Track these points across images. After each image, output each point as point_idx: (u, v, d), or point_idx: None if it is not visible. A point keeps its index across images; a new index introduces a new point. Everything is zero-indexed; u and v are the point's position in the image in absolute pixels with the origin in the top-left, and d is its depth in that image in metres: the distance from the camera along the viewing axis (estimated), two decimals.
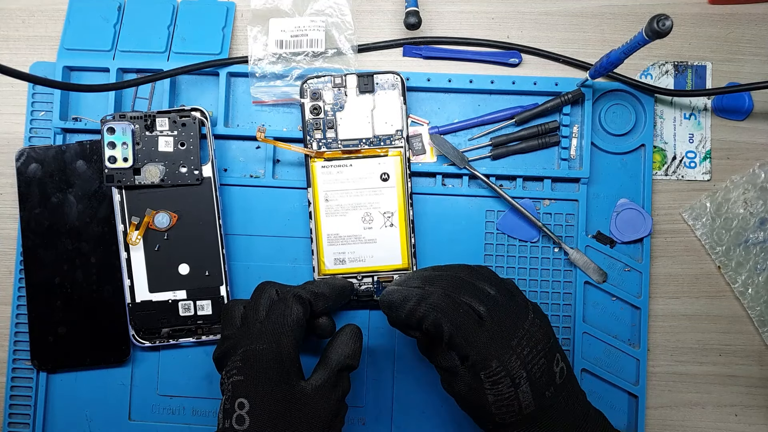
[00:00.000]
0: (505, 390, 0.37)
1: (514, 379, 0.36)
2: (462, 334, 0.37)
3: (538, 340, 0.38)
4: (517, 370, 0.36)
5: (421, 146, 0.51)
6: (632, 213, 0.51)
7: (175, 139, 0.49)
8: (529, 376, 0.37)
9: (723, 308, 0.52)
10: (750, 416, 0.51)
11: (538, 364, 0.37)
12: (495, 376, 0.37)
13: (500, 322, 0.38)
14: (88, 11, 0.53)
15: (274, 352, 0.39)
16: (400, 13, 0.53)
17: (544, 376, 0.37)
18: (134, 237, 0.49)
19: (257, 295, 0.43)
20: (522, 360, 0.37)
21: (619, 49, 0.43)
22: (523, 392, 0.36)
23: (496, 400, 0.37)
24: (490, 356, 0.37)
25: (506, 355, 0.37)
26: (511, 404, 0.37)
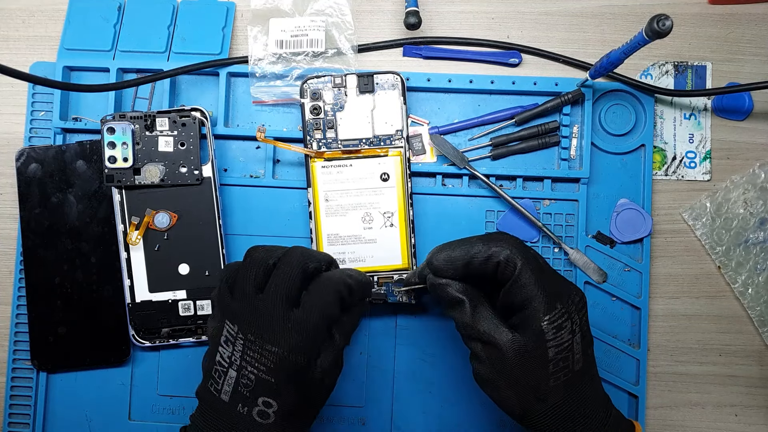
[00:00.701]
0: (566, 336, 0.36)
1: (573, 324, 0.37)
2: (534, 273, 0.37)
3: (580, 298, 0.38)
4: (574, 313, 0.37)
5: (421, 146, 0.51)
6: (632, 213, 0.51)
7: (175, 139, 0.49)
8: (581, 327, 0.37)
9: (723, 308, 0.52)
10: (750, 416, 0.51)
11: (583, 318, 0.38)
12: (559, 319, 0.36)
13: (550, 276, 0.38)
14: (88, 11, 0.53)
15: (309, 365, 0.37)
16: (400, 13, 0.53)
17: (587, 334, 0.38)
18: (134, 237, 0.49)
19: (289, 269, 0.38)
20: (576, 306, 0.37)
21: (619, 49, 0.43)
22: (576, 342, 0.37)
23: (557, 351, 0.36)
24: (555, 297, 0.37)
25: (566, 298, 0.37)
26: (567, 357, 0.36)
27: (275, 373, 0.36)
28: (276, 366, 0.36)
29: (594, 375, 0.39)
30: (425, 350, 0.51)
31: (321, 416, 0.50)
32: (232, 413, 0.36)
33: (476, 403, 0.50)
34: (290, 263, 0.38)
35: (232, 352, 0.37)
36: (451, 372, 0.50)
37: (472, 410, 0.50)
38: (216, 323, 0.39)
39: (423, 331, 0.51)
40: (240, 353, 0.36)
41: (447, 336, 0.50)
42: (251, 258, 0.39)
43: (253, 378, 0.36)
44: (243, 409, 0.36)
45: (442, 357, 0.50)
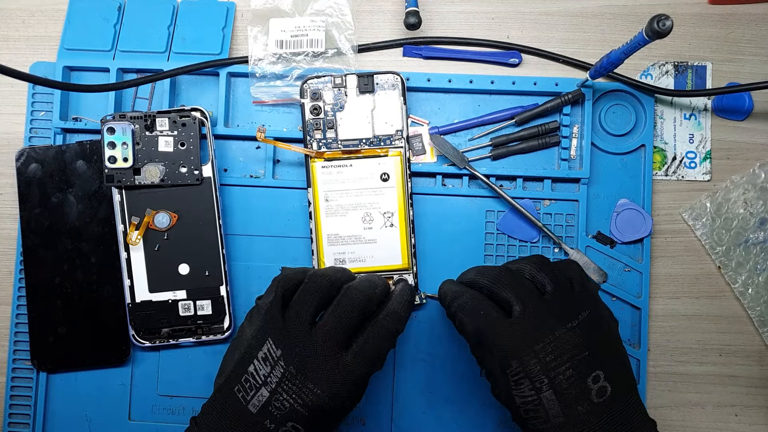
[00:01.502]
0: (527, 392, 0.36)
1: (534, 383, 0.35)
2: (483, 336, 0.37)
3: (569, 349, 0.36)
4: (536, 374, 0.35)
5: (421, 146, 0.51)
6: (632, 213, 0.51)
7: (175, 139, 0.49)
8: (553, 384, 0.35)
9: (723, 308, 0.52)
10: (750, 416, 0.51)
11: (564, 374, 0.35)
12: (515, 376, 0.36)
13: (529, 323, 0.37)
14: (88, 11, 0.53)
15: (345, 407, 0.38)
16: (400, 13, 0.53)
17: (572, 388, 0.35)
18: (134, 237, 0.49)
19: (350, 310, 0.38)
20: (543, 365, 0.35)
21: (620, 50, 0.43)
22: (547, 399, 0.35)
23: (522, 402, 0.36)
24: (510, 355, 0.36)
25: (527, 356, 0.36)
26: (537, 410, 0.36)
27: (311, 410, 0.36)
28: (313, 404, 0.36)
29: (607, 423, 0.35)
30: (425, 350, 0.51)
31: None
32: (259, 426, 0.36)
33: (476, 403, 0.50)
34: (352, 303, 0.38)
35: (269, 374, 0.37)
36: (451, 372, 0.50)
37: (472, 410, 0.50)
38: (255, 332, 0.38)
39: (423, 331, 0.51)
40: (278, 379, 0.37)
41: (447, 336, 0.50)
42: (314, 284, 0.39)
43: (288, 406, 0.36)
44: (270, 425, 0.36)
45: (442, 357, 0.50)
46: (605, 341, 0.37)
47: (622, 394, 0.36)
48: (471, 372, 0.50)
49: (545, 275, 0.39)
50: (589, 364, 0.36)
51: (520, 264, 0.40)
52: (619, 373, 0.37)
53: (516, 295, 0.38)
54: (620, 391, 0.36)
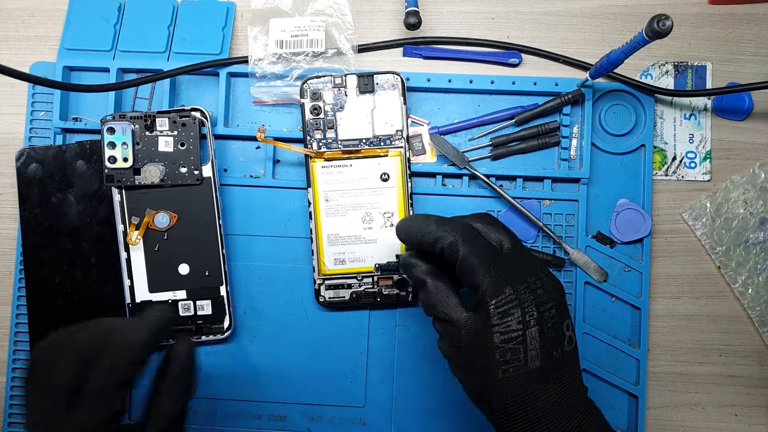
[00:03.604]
0: (513, 325, 0.34)
1: (524, 314, 0.34)
2: (479, 257, 0.36)
3: (553, 289, 0.36)
4: (529, 304, 0.34)
5: (421, 146, 0.51)
6: (632, 213, 0.51)
7: (175, 139, 0.49)
8: (540, 319, 0.34)
9: (723, 308, 0.52)
10: (750, 416, 0.51)
11: (549, 312, 0.35)
12: (506, 305, 0.34)
13: (521, 258, 0.37)
14: (88, 11, 0.53)
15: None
16: (400, 13, 0.53)
17: (553, 329, 0.35)
18: (134, 237, 0.49)
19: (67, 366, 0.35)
20: (535, 297, 0.35)
21: (619, 50, 0.43)
22: (531, 336, 0.34)
23: (503, 339, 0.34)
24: (504, 282, 0.35)
25: (521, 285, 0.35)
26: (517, 348, 0.34)
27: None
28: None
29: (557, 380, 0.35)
30: (425, 350, 0.51)
31: (321, 416, 0.50)
32: None
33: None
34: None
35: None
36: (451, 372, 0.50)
37: (472, 410, 0.50)
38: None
39: (423, 331, 0.51)
40: None
41: None
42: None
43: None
44: None
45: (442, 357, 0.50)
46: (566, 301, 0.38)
47: (577, 350, 0.37)
48: None
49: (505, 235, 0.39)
50: (565, 311, 0.36)
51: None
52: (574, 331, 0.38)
53: (507, 235, 0.38)
54: (576, 346, 0.37)
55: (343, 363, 0.51)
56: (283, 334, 0.51)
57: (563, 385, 0.35)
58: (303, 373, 0.51)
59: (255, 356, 0.51)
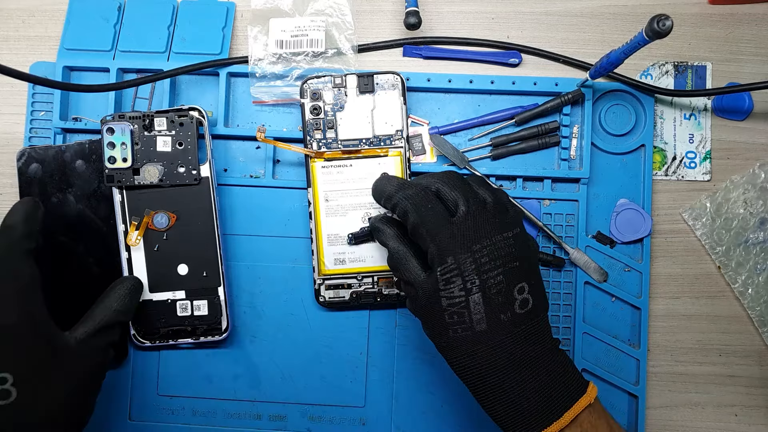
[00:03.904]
0: (456, 292, 0.36)
1: (465, 282, 0.36)
2: (426, 226, 0.37)
3: (503, 256, 0.37)
4: (470, 273, 0.36)
5: (421, 146, 0.51)
6: (632, 213, 0.51)
7: (173, 139, 0.49)
8: (483, 287, 0.36)
9: (723, 308, 0.52)
10: (750, 416, 0.51)
11: (494, 279, 0.36)
12: (448, 273, 0.36)
13: (470, 225, 0.37)
14: (88, 11, 0.53)
15: (23, 322, 0.38)
16: (400, 13, 0.53)
17: (500, 295, 0.37)
18: (134, 238, 0.48)
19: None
20: (477, 265, 0.36)
21: (619, 50, 0.43)
22: (474, 302, 0.36)
23: (449, 304, 0.37)
24: (447, 251, 0.37)
25: (463, 255, 0.36)
26: (462, 312, 0.36)
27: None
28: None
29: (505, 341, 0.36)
30: (425, 350, 0.51)
31: (321, 416, 0.50)
32: None
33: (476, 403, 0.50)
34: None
35: None
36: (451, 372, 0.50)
37: (472, 410, 0.50)
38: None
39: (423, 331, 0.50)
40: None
41: None
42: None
43: None
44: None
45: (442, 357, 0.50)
46: (531, 259, 0.39)
47: (540, 310, 0.38)
48: None
49: (485, 189, 0.40)
50: (517, 275, 0.37)
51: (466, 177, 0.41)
52: (539, 291, 0.39)
53: (464, 197, 0.39)
54: (539, 306, 0.38)
55: (343, 363, 0.51)
56: (283, 334, 0.51)
57: (513, 345, 0.37)
58: (303, 373, 0.51)
59: (255, 356, 0.51)
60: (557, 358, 0.38)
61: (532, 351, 0.37)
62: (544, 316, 0.39)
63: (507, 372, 0.37)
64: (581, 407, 0.36)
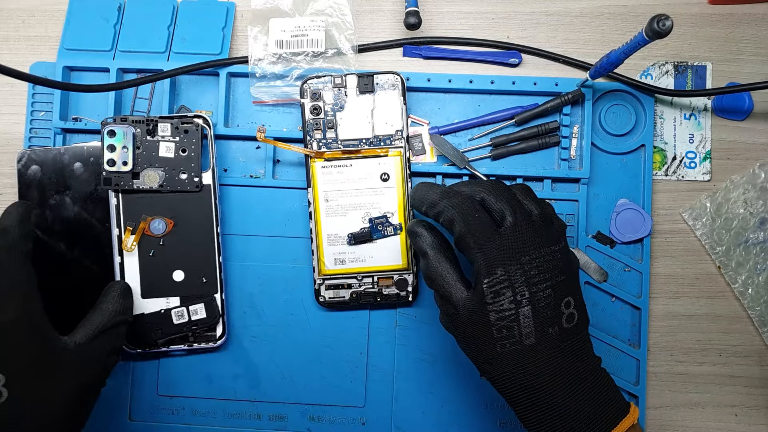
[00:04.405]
0: (506, 305, 0.35)
1: (515, 294, 0.35)
2: (474, 236, 0.36)
3: (551, 269, 0.37)
4: (520, 284, 0.35)
5: (421, 146, 0.51)
6: (632, 213, 0.51)
7: (177, 145, 0.48)
8: (532, 299, 0.35)
9: (723, 308, 0.52)
10: (750, 416, 0.51)
11: (543, 291, 0.36)
12: (497, 285, 0.36)
13: (518, 236, 0.36)
14: (88, 11, 0.52)
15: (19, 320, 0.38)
16: (400, 13, 0.53)
17: (548, 308, 0.36)
18: (129, 243, 0.48)
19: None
20: (527, 278, 0.36)
21: (620, 50, 0.43)
22: (524, 315, 0.35)
23: (498, 318, 0.36)
24: (496, 262, 0.36)
25: (513, 266, 0.36)
26: (512, 326, 0.36)
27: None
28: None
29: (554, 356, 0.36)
30: (425, 350, 0.51)
31: (321, 416, 0.50)
32: None
33: (476, 403, 0.50)
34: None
35: None
36: (451, 372, 0.50)
37: (472, 410, 0.50)
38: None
39: (423, 331, 0.51)
40: None
41: (447, 336, 0.50)
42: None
43: None
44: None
45: (442, 357, 0.50)
46: (575, 274, 0.39)
47: (584, 326, 0.38)
48: (471, 372, 0.50)
49: (531, 201, 0.39)
50: (564, 289, 0.37)
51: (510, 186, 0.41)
52: (583, 306, 0.38)
53: (511, 207, 0.38)
54: (583, 321, 0.38)
55: (343, 363, 0.51)
56: (283, 334, 0.51)
57: (561, 360, 0.36)
58: (303, 373, 0.51)
59: (255, 356, 0.51)
60: (601, 375, 0.37)
61: (578, 367, 0.36)
62: (587, 333, 0.38)
63: (554, 388, 0.36)
64: (626, 427, 0.36)
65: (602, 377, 0.38)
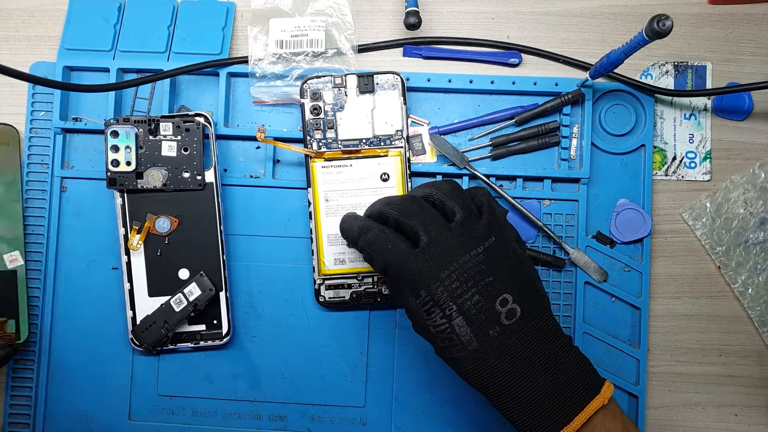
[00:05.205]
0: (438, 320, 0.37)
1: (443, 309, 0.36)
2: (394, 266, 0.38)
3: (473, 276, 0.37)
4: (444, 301, 0.36)
5: (421, 146, 0.51)
6: (632, 213, 0.51)
7: (179, 144, 0.48)
8: (462, 310, 0.36)
9: (723, 308, 0.52)
10: (750, 416, 0.51)
11: (471, 300, 0.36)
12: (426, 305, 0.37)
13: (434, 253, 0.37)
14: (88, 11, 0.52)
15: None
16: (400, 13, 0.53)
17: (482, 313, 0.36)
18: (135, 242, 0.48)
19: None
20: (450, 292, 0.36)
21: (620, 50, 0.43)
22: (458, 326, 0.36)
23: (437, 331, 0.37)
24: (417, 285, 0.37)
25: (433, 285, 0.37)
26: (451, 337, 0.37)
27: None
28: None
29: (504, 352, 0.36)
30: (425, 350, 0.51)
31: (321, 416, 0.50)
32: None
33: (476, 403, 0.50)
34: None
35: None
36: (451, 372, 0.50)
37: (472, 410, 0.50)
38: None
39: None
40: None
41: None
42: None
43: None
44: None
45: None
46: (511, 266, 0.38)
47: (533, 313, 0.37)
48: None
49: (455, 202, 0.39)
50: (495, 289, 0.37)
51: (430, 190, 0.40)
52: (529, 295, 0.38)
53: (422, 225, 0.38)
54: (531, 311, 0.37)
55: (343, 363, 0.51)
56: (283, 334, 0.51)
57: (514, 354, 0.36)
58: (303, 373, 0.51)
59: (255, 356, 0.51)
60: (568, 357, 0.37)
61: (537, 355, 0.37)
62: (544, 317, 0.38)
63: (512, 379, 0.37)
64: (593, 409, 0.36)
65: (571, 360, 0.37)
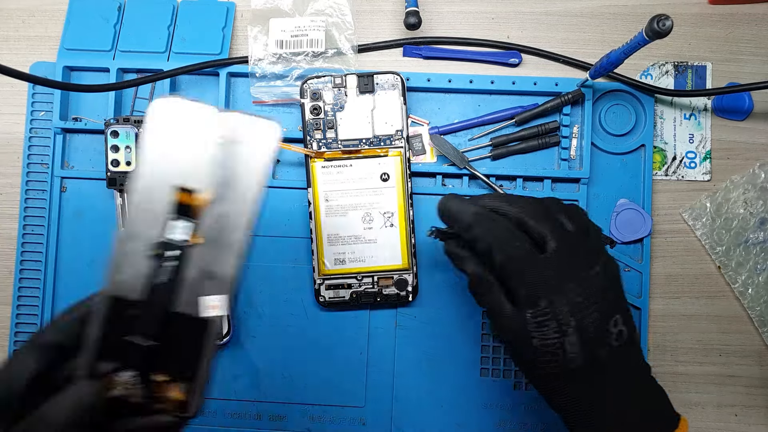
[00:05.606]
0: (550, 335, 0.34)
1: (561, 325, 0.34)
2: (514, 266, 0.35)
3: (596, 292, 0.35)
4: (565, 315, 0.34)
5: (421, 146, 0.51)
6: (632, 213, 0.51)
7: None
8: (579, 327, 0.34)
9: (723, 308, 0.52)
10: (750, 416, 0.51)
11: (590, 317, 0.34)
12: (542, 317, 0.34)
13: (561, 262, 0.35)
14: (88, 11, 0.52)
15: None
16: (400, 13, 0.53)
17: (596, 331, 0.34)
18: None
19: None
20: (572, 307, 0.34)
21: (620, 50, 0.43)
22: (570, 342, 0.34)
23: (541, 344, 0.34)
24: (539, 294, 0.34)
25: (557, 296, 0.34)
26: (556, 353, 0.34)
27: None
28: None
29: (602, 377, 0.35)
30: (425, 350, 0.51)
31: (321, 416, 0.50)
32: None
33: (476, 403, 0.50)
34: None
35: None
36: (451, 372, 0.50)
37: (472, 410, 0.50)
38: None
39: (423, 331, 0.51)
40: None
41: (447, 336, 0.50)
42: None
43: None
44: None
45: (442, 357, 0.50)
46: (620, 288, 0.37)
47: (635, 338, 0.36)
48: (471, 372, 0.50)
49: (565, 215, 0.37)
50: (611, 307, 0.35)
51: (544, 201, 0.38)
52: (630, 318, 0.36)
53: (551, 231, 0.36)
54: (633, 335, 0.36)
55: (343, 363, 0.51)
56: (283, 334, 0.51)
57: (612, 374, 0.35)
58: (303, 373, 0.51)
59: (255, 356, 0.51)
60: (651, 387, 0.36)
61: (627, 383, 0.35)
62: (637, 344, 0.37)
63: (599, 406, 0.35)
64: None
65: (653, 391, 0.36)
